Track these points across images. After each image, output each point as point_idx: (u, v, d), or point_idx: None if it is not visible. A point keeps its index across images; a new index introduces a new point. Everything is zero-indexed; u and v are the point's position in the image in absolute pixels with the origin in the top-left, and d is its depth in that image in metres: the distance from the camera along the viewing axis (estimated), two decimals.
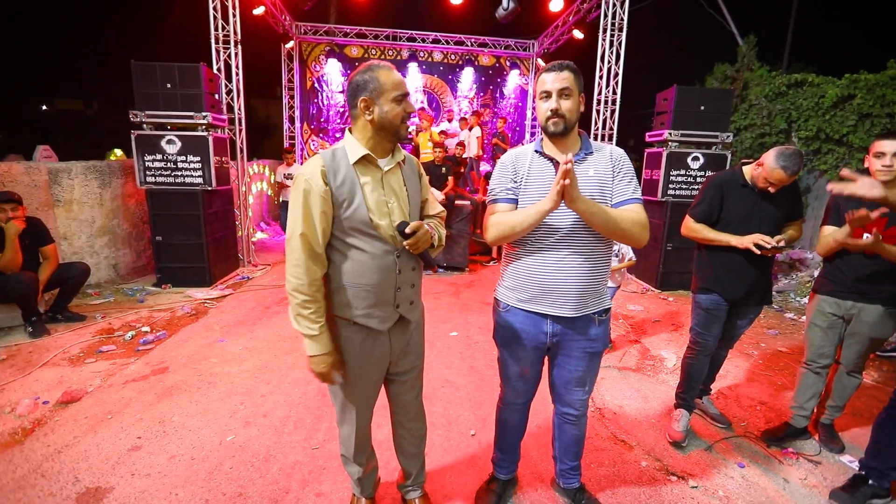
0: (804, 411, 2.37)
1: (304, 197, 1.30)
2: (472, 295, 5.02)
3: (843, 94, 5.74)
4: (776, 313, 4.67)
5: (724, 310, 2.27)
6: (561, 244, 1.48)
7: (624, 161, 1.52)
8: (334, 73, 9.33)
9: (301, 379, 2.92)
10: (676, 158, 5.19)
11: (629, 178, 1.50)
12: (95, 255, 4.79)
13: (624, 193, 1.49)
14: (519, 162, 1.55)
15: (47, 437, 2.26)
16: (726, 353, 2.54)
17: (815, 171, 6.24)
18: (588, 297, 1.52)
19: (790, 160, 1.97)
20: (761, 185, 2.09)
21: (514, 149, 1.61)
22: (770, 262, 2.23)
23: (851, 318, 2.21)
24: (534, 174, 1.52)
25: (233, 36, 5.56)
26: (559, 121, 1.45)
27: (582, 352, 1.58)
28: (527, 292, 1.54)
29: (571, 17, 7.82)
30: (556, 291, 1.50)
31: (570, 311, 1.51)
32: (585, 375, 1.63)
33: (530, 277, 1.53)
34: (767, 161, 2.04)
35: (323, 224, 1.32)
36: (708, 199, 2.23)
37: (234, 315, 4.13)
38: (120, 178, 5.02)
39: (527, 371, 1.66)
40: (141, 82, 4.54)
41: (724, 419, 2.54)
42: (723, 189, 2.21)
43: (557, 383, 1.68)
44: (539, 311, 1.54)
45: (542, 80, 1.47)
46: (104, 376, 2.90)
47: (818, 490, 2.05)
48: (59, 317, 3.74)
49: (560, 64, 1.45)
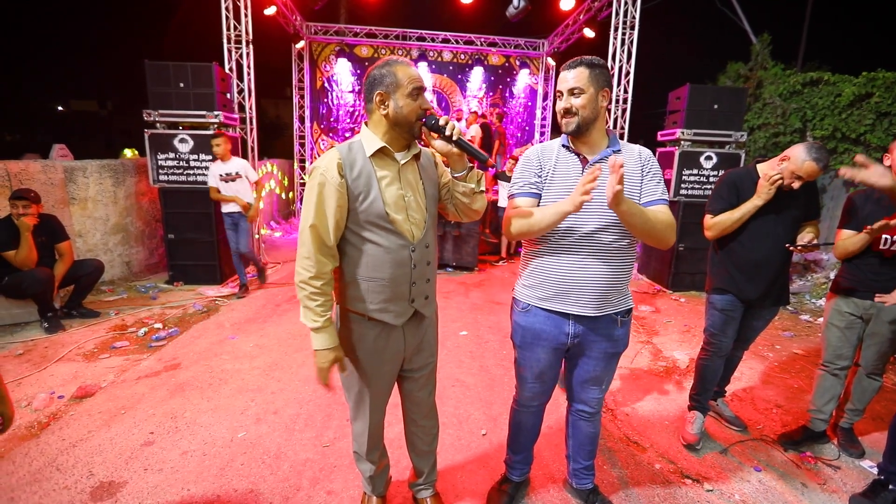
0: (822, 415, 2.31)
1: (318, 189, 1.29)
2: (482, 294, 5.00)
3: (860, 93, 5.62)
4: (791, 315, 4.59)
5: (740, 310, 2.22)
6: (580, 245, 1.45)
7: (652, 161, 1.49)
8: (344, 73, 9.36)
9: (311, 377, 2.92)
10: (689, 158, 5.13)
11: (658, 179, 1.47)
12: (109, 252, 4.86)
13: (653, 194, 1.46)
14: (544, 156, 1.52)
15: (62, 431, 2.29)
16: (742, 354, 2.49)
17: (831, 171, 6.12)
18: (611, 296, 1.49)
19: (822, 153, 1.93)
20: (788, 180, 2.02)
21: (540, 143, 1.59)
22: (787, 262, 2.17)
23: (871, 317, 2.17)
24: (560, 169, 1.49)
25: (244, 36, 5.60)
26: (571, 119, 1.43)
27: (602, 353, 1.56)
28: (547, 290, 1.52)
29: (582, 16, 7.76)
30: (577, 291, 1.47)
31: (593, 311, 1.48)
32: (603, 375, 1.61)
33: (550, 276, 1.50)
34: (797, 154, 1.97)
35: (336, 216, 1.31)
36: (725, 195, 2.18)
37: (245, 312, 4.15)
38: (133, 177, 5.09)
39: (543, 374, 1.63)
40: (154, 82, 4.60)
41: (740, 422, 2.50)
42: (738, 186, 2.16)
43: (574, 382, 1.66)
44: (561, 311, 1.51)
45: (560, 79, 1.46)
46: (118, 372, 2.93)
47: (837, 495, 2.00)
48: (74, 313, 3.80)
49: (575, 61, 1.42)
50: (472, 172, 1.45)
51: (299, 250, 1.34)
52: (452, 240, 5.84)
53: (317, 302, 1.34)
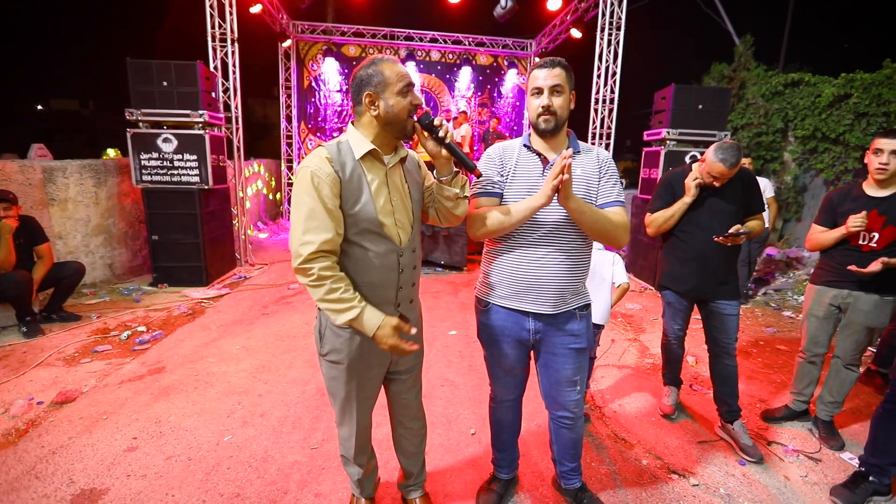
0: (803, 396, 2.52)
1: (309, 179, 1.22)
2: (471, 294, 4.96)
3: (839, 94, 5.77)
4: (774, 311, 4.68)
5: (682, 303, 2.39)
6: (542, 242, 1.48)
7: (610, 163, 1.54)
8: (331, 72, 9.30)
9: (299, 378, 2.90)
10: (675, 157, 5.19)
11: (614, 181, 1.52)
12: (91, 254, 4.75)
13: (609, 195, 1.50)
14: (506, 155, 1.55)
15: (41, 437, 2.23)
16: (732, 363, 2.29)
17: (812, 170, 6.26)
18: (567, 295, 1.53)
19: (728, 152, 2.04)
20: (707, 180, 2.15)
21: (500, 142, 1.60)
22: (729, 256, 2.23)
23: (847, 307, 2.25)
24: (520, 168, 1.52)
25: (230, 34, 5.52)
26: (550, 118, 1.44)
27: (566, 348, 1.57)
28: (507, 289, 1.54)
29: (569, 17, 7.82)
30: (536, 289, 1.50)
31: (550, 309, 1.51)
32: (575, 374, 1.61)
33: (511, 274, 1.52)
34: (708, 155, 2.11)
35: (332, 203, 1.24)
36: (661, 194, 2.34)
37: (232, 314, 4.10)
38: (116, 177, 4.98)
39: (513, 368, 1.66)
40: (137, 80, 4.51)
41: (757, 452, 2.20)
42: (673, 185, 2.30)
43: (549, 385, 1.66)
44: (519, 309, 1.54)
45: (534, 77, 1.45)
46: (99, 376, 2.87)
47: (818, 487, 2.04)
48: (54, 316, 3.71)
49: (552, 60, 1.44)
50: (458, 177, 1.45)
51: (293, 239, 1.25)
52: (442, 239, 5.84)
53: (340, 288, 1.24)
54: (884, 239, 2.09)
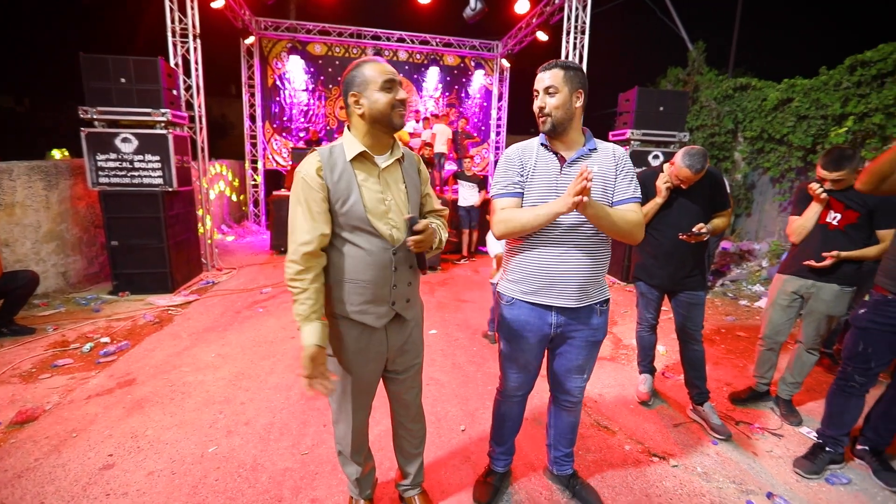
0: (764, 379, 2.74)
1: (301, 184, 1.33)
2: (447, 293, 5.05)
3: (782, 98, 6.21)
4: (731, 301, 5.00)
5: (654, 293, 2.57)
6: (564, 237, 1.52)
7: (626, 160, 1.57)
8: (297, 70, 9.07)
9: (281, 384, 2.83)
10: (638, 157, 5.44)
11: (630, 178, 1.55)
12: (42, 262, 4.42)
13: (625, 192, 1.53)
14: (525, 156, 1.57)
15: (3, 461, 2.07)
16: (699, 347, 2.49)
17: (759, 168, 6.72)
18: (590, 288, 1.58)
19: (693, 158, 2.21)
20: (675, 182, 2.32)
21: (519, 143, 1.63)
22: (696, 251, 2.41)
23: (810, 296, 2.45)
24: (539, 168, 1.54)
25: (191, 29, 5.29)
26: (545, 119, 1.49)
27: (584, 341, 1.64)
28: (532, 284, 1.57)
29: (535, 20, 8.00)
30: (561, 283, 1.54)
31: (574, 302, 1.56)
32: (585, 363, 1.69)
33: (536, 270, 1.56)
34: (676, 160, 2.28)
35: (322, 206, 1.34)
36: None
37: (203, 321, 3.94)
38: (68, 180, 4.65)
39: (529, 363, 1.70)
40: (91, 77, 4.23)
41: (726, 430, 2.38)
42: (646, 185, 2.41)
43: (558, 372, 1.73)
44: (543, 303, 1.57)
45: (536, 81, 1.51)
46: (63, 392, 2.69)
47: (783, 460, 2.23)
48: (5, 330, 3.43)
49: (550, 63, 1.49)
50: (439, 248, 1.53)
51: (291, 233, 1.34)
52: None
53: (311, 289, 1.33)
54: (844, 220, 2.30)
